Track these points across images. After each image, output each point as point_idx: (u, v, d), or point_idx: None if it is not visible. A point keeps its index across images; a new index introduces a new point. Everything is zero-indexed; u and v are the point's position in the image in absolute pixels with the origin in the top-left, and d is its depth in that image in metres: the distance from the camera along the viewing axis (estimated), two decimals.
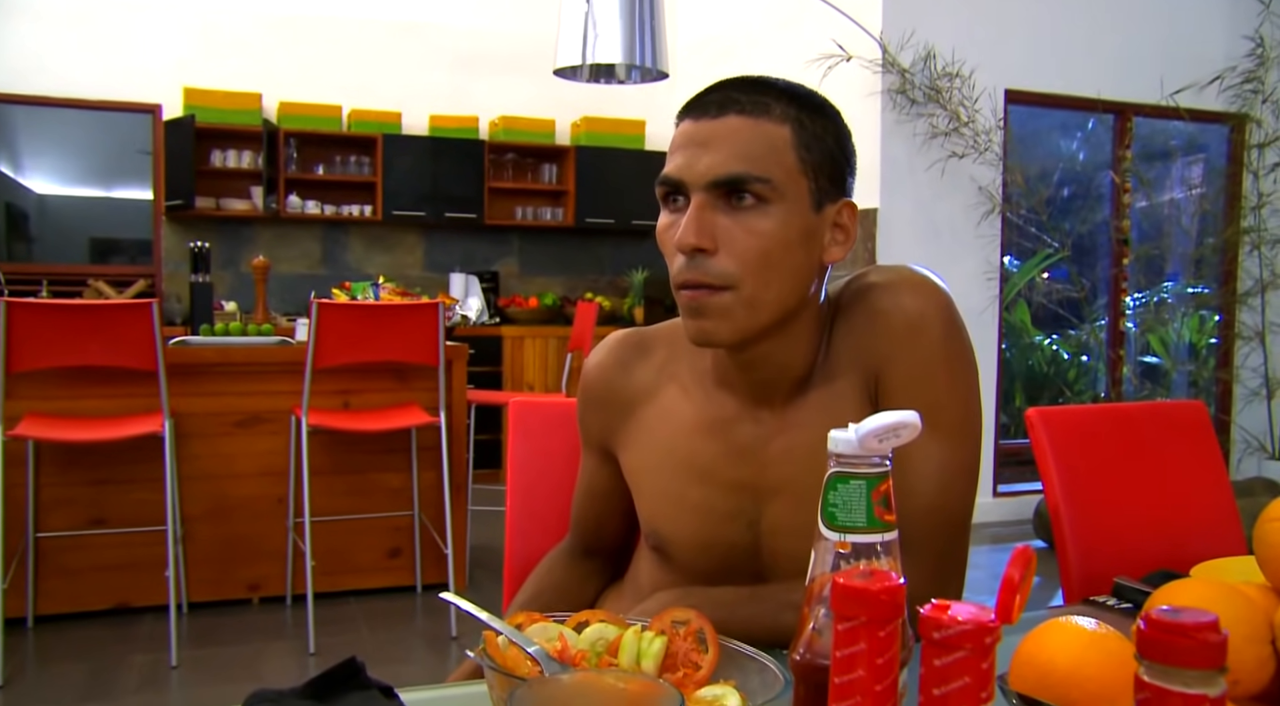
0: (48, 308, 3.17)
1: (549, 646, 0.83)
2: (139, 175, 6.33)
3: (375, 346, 3.47)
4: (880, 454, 0.65)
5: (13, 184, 6.52)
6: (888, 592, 0.53)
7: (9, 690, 3.04)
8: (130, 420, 3.38)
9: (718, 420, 1.09)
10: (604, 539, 1.28)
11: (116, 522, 3.60)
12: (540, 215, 6.75)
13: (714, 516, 1.09)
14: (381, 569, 3.91)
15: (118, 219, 6.64)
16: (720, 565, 1.09)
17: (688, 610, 0.86)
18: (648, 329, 1.22)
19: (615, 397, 1.18)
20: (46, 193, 6.66)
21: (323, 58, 6.39)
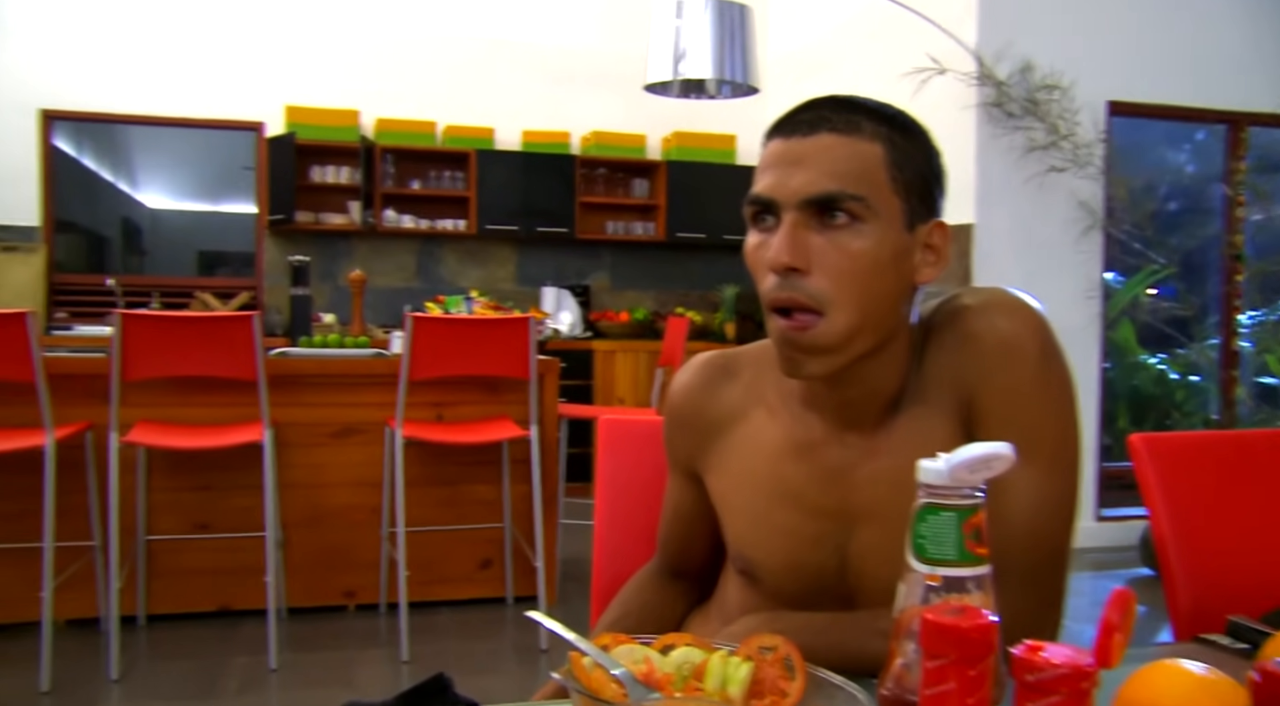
0: (158, 319, 3.29)
1: (635, 669, 0.83)
2: (243, 190, 6.55)
3: (468, 360, 3.52)
4: (972, 485, 0.63)
5: (129, 199, 6.81)
6: (979, 631, 0.52)
7: (124, 684, 3.16)
8: (233, 429, 3.49)
9: (805, 443, 1.09)
10: (691, 561, 1.28)
11: (219, 528, 3.72)
12: (631, 230, 6.79)
13: (801, 540, 1.08)
14: (473, 580, 3.97)
15: (223, 233, 6.89)
16: (808, 590, 1.08)
17: (775, 636, 0.85)
18: (733, 351, 1.21)
19: (701, 420, 1.18)
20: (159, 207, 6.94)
21: (418, 75, 6.53)
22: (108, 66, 6.11)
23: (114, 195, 6.90)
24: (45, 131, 6.07)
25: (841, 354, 1.00)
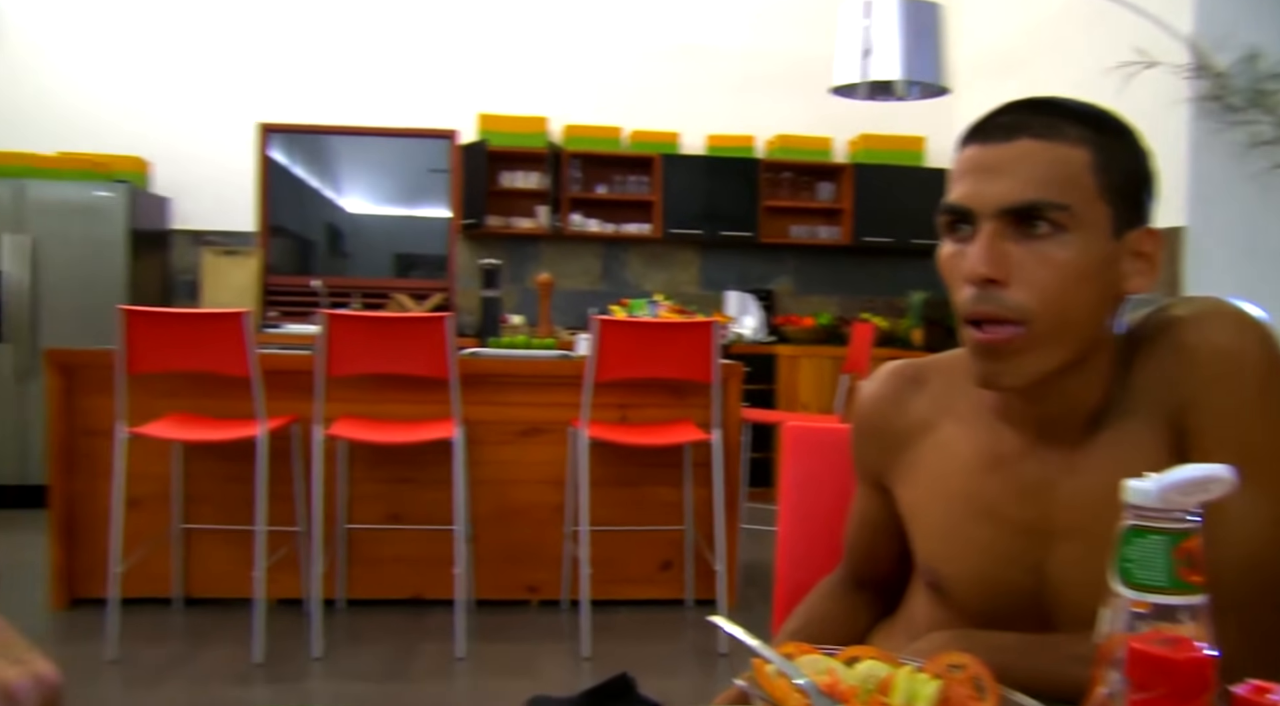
0: (360, 319, 3.47)
1: (819, 679, 0.82)
2: (437, 196, 6.83)
3: (652, 363, 3.56)
4: (1185, 509, 0.60)
5: (332, 205, 7.21)
6: (1193, 664, 0.49)
7: (325, 661, 3.35)
8: (426, 425, 3.65)
9: (1000, 456, 1.05)
10: (877, 572, 1.25)
11: (412, 519, 3.89)
12: (816, 233, 6.71)
13: (996, 557, 1.04)
14: (653, 580, 4.01)
15: (418, 236, 7.20)
16: (1001, 609, 1.04)
17: (965, 654, 0.83)
18: (922, 360, 1.18)
19: (889, 431, 1.16)
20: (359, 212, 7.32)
21: (605, 82, 6.65)
22: (316, 81, 6.49)
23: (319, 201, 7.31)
24: (262, 144, 6.50)
25: (1041, 367, 0.95)
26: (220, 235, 6.44)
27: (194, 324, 3.38)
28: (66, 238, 5.57)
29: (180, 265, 6.43)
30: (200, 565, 3.87)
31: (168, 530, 3.80)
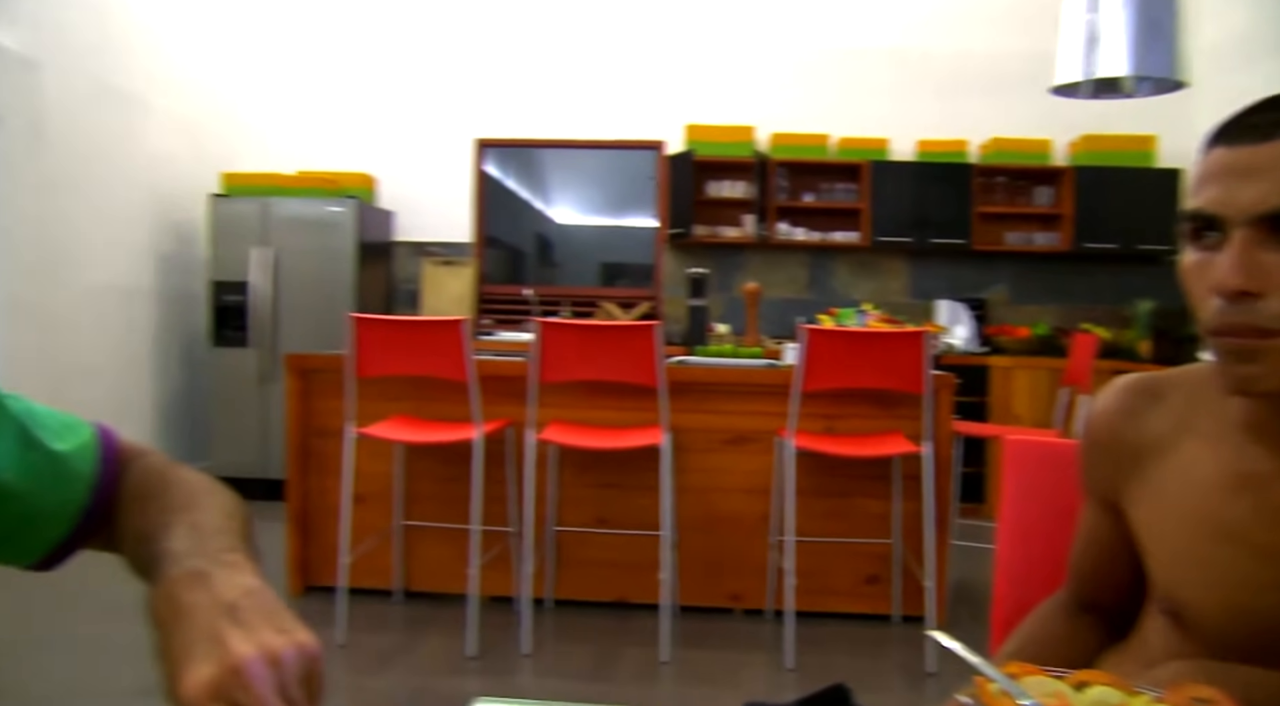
0: (572, 327, 3.57)
1: (1045, 702, 0.79)
2: (643, 206, 6.94)
3: (861, 373, 3.49)
4: None
5: (542, 216, 7.45)
6: None
7: (534, 658, 3.46)
8: (634, 431, 3.71)
9: (1250, 476, 0.97)
10: (1105, 595, 1.18)
11: (618, 524, 3.96)
12: (1032, 240, 6.42)
13: (1245, 585, 0.96)
14: (859, 594, 3.93)
15: (624, 245, 7.34)
16: (1252, 641, 0.96)
17: (1211, 688, 0.77)
18: (1160, 373, 1.11)
19: (1123, 448, 1.09)
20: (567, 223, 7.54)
21: (812, 89, 6.59)
22: (529, 98, 6.74)
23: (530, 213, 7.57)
24: (479, 158, 6.80)
25: None
26: (439, 246, 6.77)
27: (417, 331, 3.56)
28: (303, 250, 5.99)
29: (402, 274, 6.80)
30: (419, 559, 4.06)
31: (390, 525, 4.02)
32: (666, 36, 6.67)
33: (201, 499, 0.81)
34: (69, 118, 5.08)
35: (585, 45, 6.71)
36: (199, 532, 0.73)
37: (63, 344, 5.05)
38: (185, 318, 6.26)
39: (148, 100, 5.84)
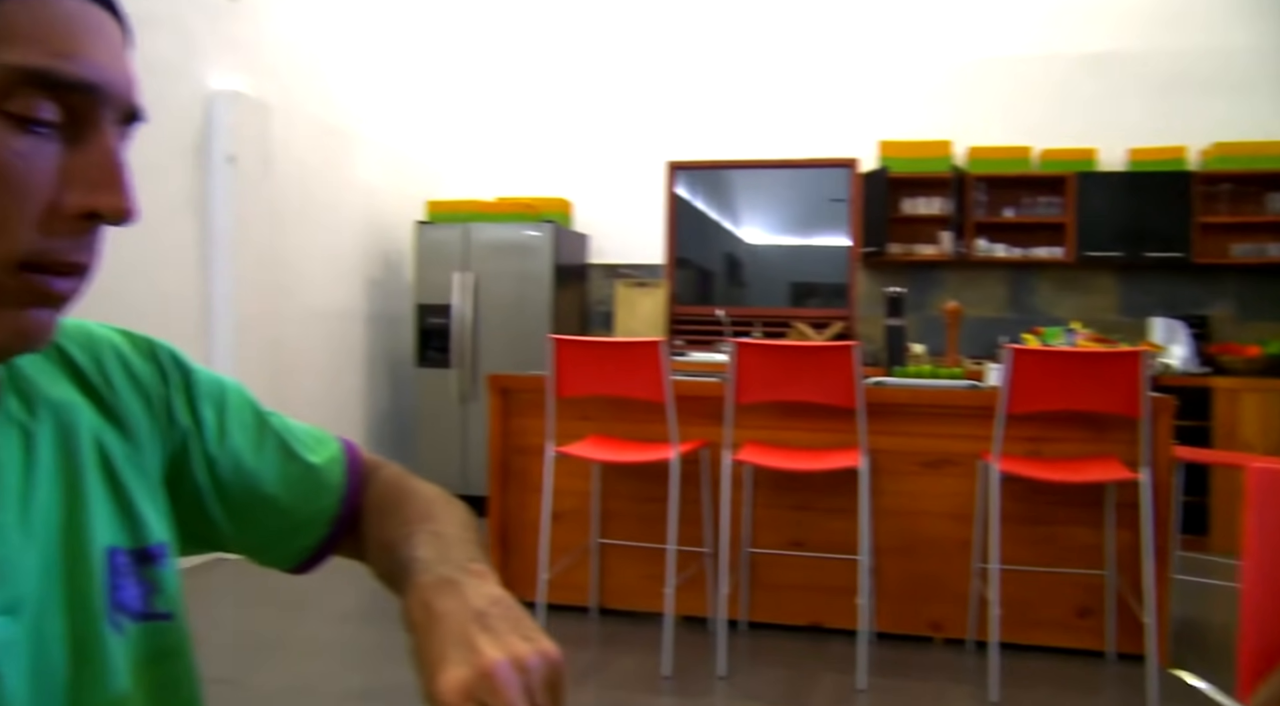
0: (768, 348, 3.55)
1: None
2: (834, 224, 6.85)
3: (1070, 394, 3.33)
4: None
5: (731, 236, 7.45)
6: None
7: (729, 681, 3.44)
8: (831, 453, 3.65)
9: None
10: None
11: (814, 546, 3.90)
12: (1264, 251, 5.95)
13: None
14: (1069, 627, 3.73)
15: (814, 265, 7.25)
16: None
17: None
18: None
19: None
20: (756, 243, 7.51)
21: (1012, 100, 6.35)
22: (720, 119, 6.78)
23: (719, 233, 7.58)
24: (670, 180, 6.87)
25: None
26: (631, 268, 6.88)
27: (616, 352, 3.61)
28: (502, 273, 6.20)
29: (596, 296, 6.94)
30: (614, 577, 4.12)
31: (587, 543, 4.08)
32: (858, 54, 6.58)
33: (438, 510, 0.85)
34: (292, 154, 5.44)
35: (775, 66, 6.70)
36: (442, 542, 0.77)
37: (284, 363, 5.39)
38: (392, 339, 6.58)
39: (360, 135, 6.20)
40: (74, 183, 0.60)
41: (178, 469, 0.81)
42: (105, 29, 0.61)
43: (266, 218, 5.19)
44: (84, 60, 0.59)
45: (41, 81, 0.57)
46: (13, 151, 0.57)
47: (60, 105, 0.58)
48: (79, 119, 0.60)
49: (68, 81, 0.58)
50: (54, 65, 0.57)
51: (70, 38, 0.58)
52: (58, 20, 0.58)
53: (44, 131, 0.58)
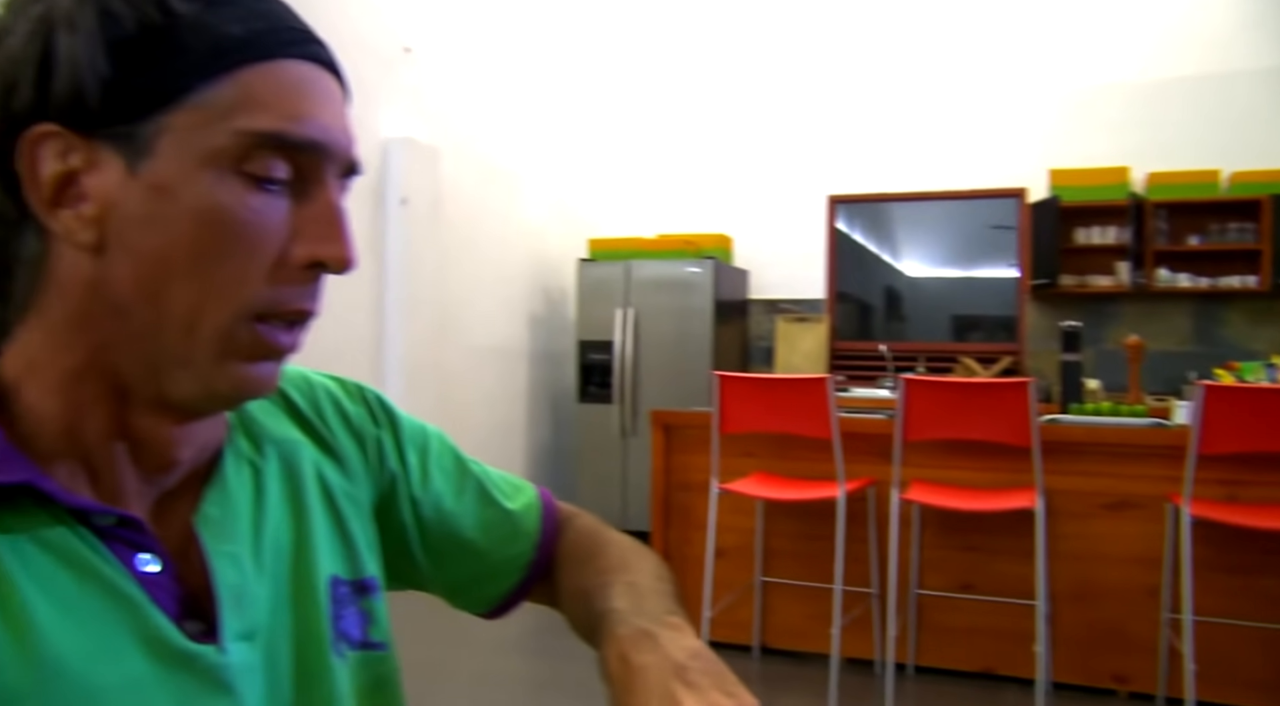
0: (937, 384, 3.45)
1: None
2: (999, 255, 6.65)
3: (1273, 434, 3.11)
4: None
5: (891, 269, 7.32)
6: None
7: None
8: (1003, 494, 3.51)
9: None
10: None
11: (985, 590, 3.75)
12: None
13: None
14: (1274, 687, 3.46)
15: (979, 297, 7.04)
16: None
17: None
18: None
19: None
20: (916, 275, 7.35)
21: (1196, 122, 6.04)
22: (880, 152, 6.69)
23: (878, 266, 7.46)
24: (831, 214, 6.81)
25: None
26: (791, 303, 6.83)
27: (781, 389, 3.59)
28: (662, 309, 6.25)
29: (756, 332, 6.92)
30: (776, 616, 4.06)
31: (749, 581, 4.04)
32: (1024, 81, 6.39)
33: (633, 560, 0.86)
34: (461, 196, 5.64)
35: (937, 96, 6.58)
36: (637, 592, 0.77)
37: (451, 397, 5.57)
38: (554, 375, 6.71)
39: (524, 177, 6.39)
40: (300, 235, 0.63)
41: (384, 508, 0.84)
42: (329, 90, 0.65)
43: (436, 257, 5.39)
44: (312, 121, 0.62)
45: (275, 143, 0.61)
46: (250, 209, 0.61)
47: (290, 163, 0.62)
48: (305, 175, 0.63)
49: (298, 142, 0.62)
50: (287, 127, 0.61)
51: (300, 101, 0.62)
52: (290, 85, 0.62)
53: (275, 188, 0.62)
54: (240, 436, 0.74)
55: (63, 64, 0.58)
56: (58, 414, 0.62)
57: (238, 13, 0.61)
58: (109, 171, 0.59)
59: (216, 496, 0.69)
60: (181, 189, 0.59)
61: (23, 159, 0.59)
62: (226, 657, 0.64)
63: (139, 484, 0.66)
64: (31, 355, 0.63)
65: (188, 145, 0.59)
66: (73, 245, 0.60)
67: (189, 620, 0.63)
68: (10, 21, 0.60)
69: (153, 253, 0.60)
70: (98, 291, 0.61)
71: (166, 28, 0.59)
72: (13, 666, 0.55)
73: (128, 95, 0.59)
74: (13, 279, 0.62)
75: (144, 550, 0.62)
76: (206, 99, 0.59)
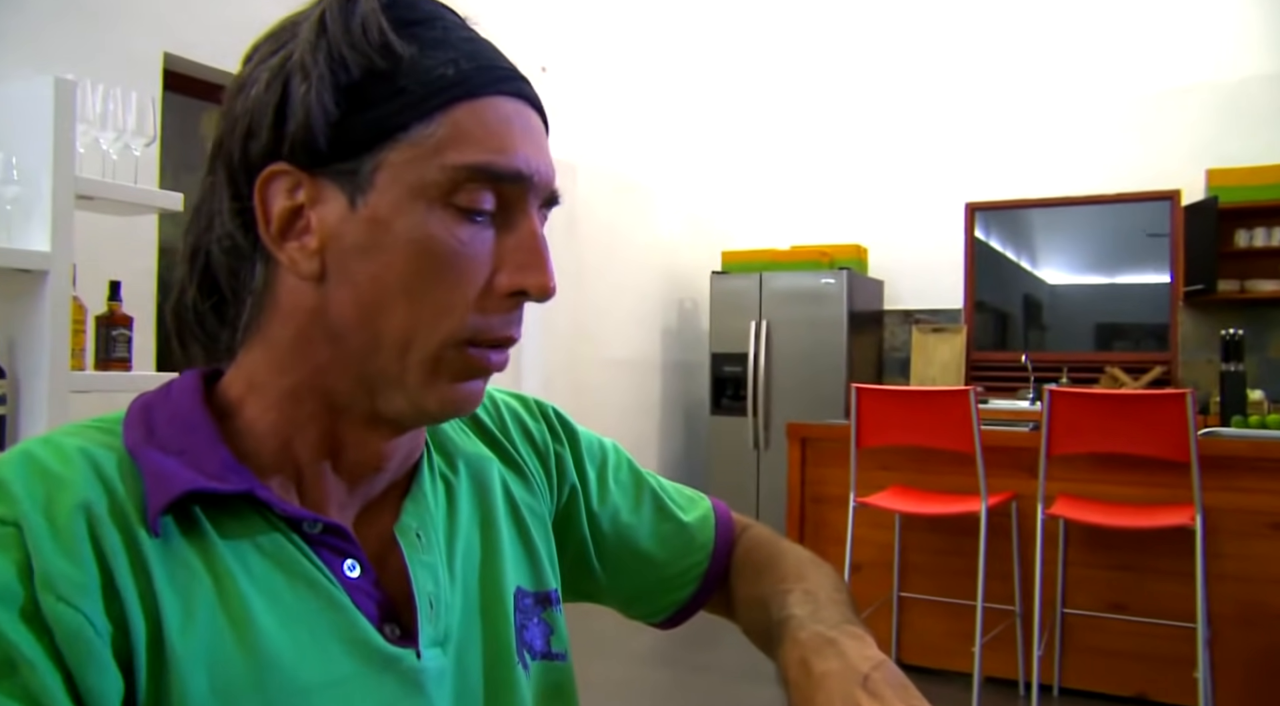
0: (1085, 396, 3.34)
1: None
2: (1144, 260, 6.38)
3: None
4: None
5: (1030, 277, 7.09)
6: None
7: None
8: (1157, 510, 3.37)
9: None
10: None
11: (1137, 611, 3.60)
12: None
13: None
14: None
15: (1125, 305, 6.76)
16: None
17: None
18: None
19: None
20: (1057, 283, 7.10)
21: None
22: (1021, 157, 6.50)
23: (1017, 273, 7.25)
24: (969, 222, 6.65)
25: None
26: (927, 313, 6.70)
27: (922, 401, 3.53)
28: (795, 320, 6.20)
29: (891, 343, 6.80)
30: (914, 632, 3.98)
31: (887, 596, 3.98)
32: (1175, 76, 6.11)
33: (810, 570, 0.86)
34: (596, 211, 5.73)
35: (1079, 98, 6.35)
36: (815, 601, 0.78)
37: (588, 410, 5.64)
38: (688, 387, 6.73)
39: (657, 191, 6.44)
40: (504, 264, 0.66)
41: (563, 522, 0.87)
42: (533, 125, 0.68)
43: (572, 271, 5.48)
44: (517, 154, 0.65)
45: (483, 175, 0.64)
46: (458, 239, 0.64)
47: (495, 195, 0.65)
48: (509, 206, 0.67)
49: (504, 174, 0.65)
50: (495, 161, 0.64)
51: (507, 135, 0.65)
52: (498, 121, 0.65)
53: (481, 220, 0.65)
54: (435, 452, 0.78)
55: (296, 108, 0.62)
56: (274, 429, 0.67)
57: (450, 54, 0.65)
58: (332, 206, 0.64)
59: (414, 508, 0.73)
60: (396, 221, 0.63)
61: (257, 196, 0.64)
62: (423, 662, 0.67)
63: (344, 495, 0.70)
64: (253, 376, 0.68)
65: (402, 179, 0.63)
66: (296, 275, 0.65)
67: (388, 624, 0.67)
68: (252, 72, 0.66)
69: (369, 281, 0.63)
70: (318, 317, 0.65)
71: (388, 71, 0.63)
72: (236, 660, 0.59)
73: (352, 135, 0.63)
74: (240, 306, 0.67)
75: (349, 556, 0.66)
76: (421, 135, 0.63)
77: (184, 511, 0.61)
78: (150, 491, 0.60)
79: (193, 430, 0.65)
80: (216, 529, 0.62)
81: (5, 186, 2.21)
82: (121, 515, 0.59)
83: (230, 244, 0.66)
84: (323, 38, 0.63)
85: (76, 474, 0.59)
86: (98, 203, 2.46)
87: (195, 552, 0.61)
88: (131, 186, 2.50)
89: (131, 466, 0.62)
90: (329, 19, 0.64)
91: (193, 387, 0.68)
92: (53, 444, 0.61)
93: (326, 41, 0.63)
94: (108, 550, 0.57)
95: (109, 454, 0.62)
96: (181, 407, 0.67)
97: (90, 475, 0.59)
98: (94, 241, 2.69)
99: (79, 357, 2.38)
